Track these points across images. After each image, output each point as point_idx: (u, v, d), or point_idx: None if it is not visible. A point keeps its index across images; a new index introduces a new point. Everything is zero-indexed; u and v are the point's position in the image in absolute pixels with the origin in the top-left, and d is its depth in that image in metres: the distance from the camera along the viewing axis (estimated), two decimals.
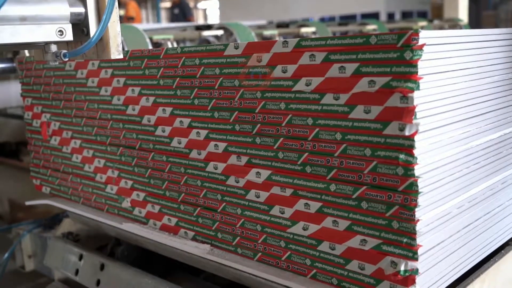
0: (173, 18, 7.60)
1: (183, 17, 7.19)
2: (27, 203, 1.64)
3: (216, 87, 1.03)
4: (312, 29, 3.41)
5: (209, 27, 3.05)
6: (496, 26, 8.90)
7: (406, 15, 10.40)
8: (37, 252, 1.72)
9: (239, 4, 12.10)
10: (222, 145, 1.05)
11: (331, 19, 10.11)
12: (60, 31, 0.88)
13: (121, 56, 0.92)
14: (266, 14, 10.60)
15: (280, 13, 10.76)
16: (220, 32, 2.91)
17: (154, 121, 1.18)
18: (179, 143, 1.13)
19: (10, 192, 2.54)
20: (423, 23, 4.07)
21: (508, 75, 1.02)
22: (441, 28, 4.05)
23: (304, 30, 3.31)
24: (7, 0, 0.76)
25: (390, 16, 10.12)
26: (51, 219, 1.74)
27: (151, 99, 1.17)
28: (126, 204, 1.31)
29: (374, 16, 9.80)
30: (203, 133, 1.08)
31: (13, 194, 2.49)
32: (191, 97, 1.08)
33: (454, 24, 4.15)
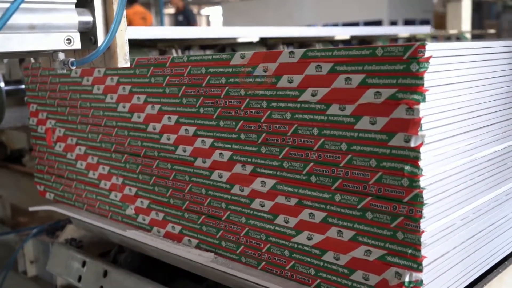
0: (177, 24, 7.63)
1: (187, 24, 7.22)
2: (31, 209, 1.64)
3: (222, 96, 1.04)
4: None
5: None
6: (498, 35, 8.92)
7: (408, 23, 10.44)
8: (39, 257, 1.72)
9: (242, 10, 12.14)
10: (227, 154, 1.05)
11: (335, 25, 10.14)
12: (68, 39, 0.88)
13: (128, 65, 0.92)
14: (269, 21, 10.63)
15: (284, 20, 10.79)
16: None
17: (159, 129, 1.19)
18: (184, 151, 1.14)
19: (12, 197, 2.54)
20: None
21: None
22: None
23: None
24: (17, 9, 0.76)
25: (393, 24, 10.15)
26: (54, 225, 1.75)
27: (157, 107, 1.18)
28: (130, 211, 1.31)
29: (377, 24, 9.83)
30: (208, 141, 1.08)
31: (15, 198, 2.49)
32: (197, 106, 1.09)
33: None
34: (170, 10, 13.43)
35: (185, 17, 7.36)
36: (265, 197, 1.00)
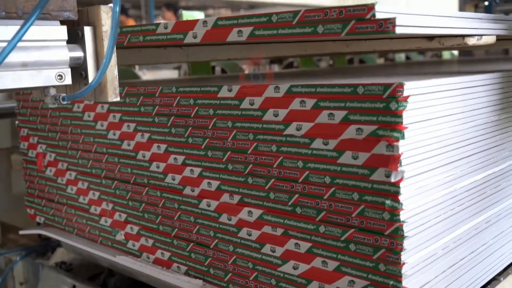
0: None
1: None
2: (21, 232, 1.66)
3: (209, 127, 1.06)
4: None
5: None
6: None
7: None
8: (29, 279, 1.73)
9: None
10: (215, 183, 1.08)
11: None
12: (59, 75, 0.91)
13: (118, 99, 0.95)
14: None
15: None
16: None
17: (149, 157, 1.21)
18: (173, 179, 1.16)
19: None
20: None
21: (491, 118, 1.06)
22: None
23: None
24: (13, 48, 0.79)
25: None
26: (44, 246, 1.76)
27: (146, 135, 1.20)
28: (120, 236, 1.33)
29: None
30: (197, 170, 1.11)
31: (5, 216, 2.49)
32: (185, 136, 1.11)
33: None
34: (161, 22, 13.51)
35: None
36: (252, 226, 1.03)
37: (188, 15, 2.00)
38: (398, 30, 0.78)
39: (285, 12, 0.89)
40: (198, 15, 2.01)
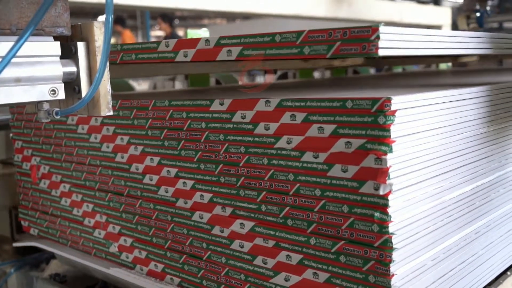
0: None
1: None
2: (15, 244, 1.66)
3: (202, 140, 1.08)
4: None
5: None
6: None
7: None
8: None
9: (228, 32, 12.25)
10: (207, 196, 1.09)
11: None
12: (52, 90, 0.92)
13: (111, 113, 0.96)
14: None
15: None
16: None
17: (142, 170, 1.22)
18: (166, 191, 1.17)
19: None
20: None
21: (479, 130, 1.08)
22: None
23: None
24: (6, 65, 0.80)
25: None
26: (37, 258, 1.76)
27: (140, 148, 1.21)
28: (114, 248, 1.34)
29: None
30: (190, 183, 1.12)
31: None
32: (178, 149, 1.12)
33: None
34: (157, 32, 13.53)
35: None
36: (244, 238, 1.03)
37: (193, 33, 2.03)
38: (381, 53, 0.80)
39: (264, 34, 0.92)
40: (203, 33, 2.04)
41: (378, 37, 0.79)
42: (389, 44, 0.81)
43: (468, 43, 1.04)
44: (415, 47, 0.88)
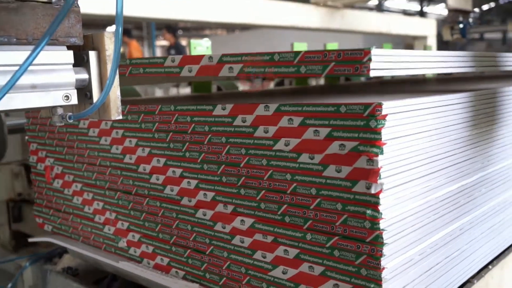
0: None
1: None
2: (30, 240, 1.66)
3: (205, 142, 1.07)
4: None
5: None
6: None
7: None
8: (38, 284, 1.72)
9: (229, 43, 12.26)
10: (210, 194, 1.08)
11: None
12: (66, 96, 0.92)
13: (121, 117, 0.96)
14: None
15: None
16: None
17: (149, 170, 1.22)
18: (172, 190, 1.17)
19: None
20: None
21: (463, 133, 1.08)
22: None
23: None
24: (23, 72, 0.80)
25: None
26: (51, 252, 1.75)
27: (147, 150, 1.21)
28: (122, 244, 1.33)
29: None
30: (194, 182, 1.12)
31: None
32: (183, 150, 1.12)
33: None
34: (162, 42, 13.53)
35: (177, 51, 7.46)
36: (244, 234, 1.03)
37: (195, 43, 2.02)
38: (372, 74, 0.80)
39: (264, 53, 0.93)
40: (205, 43, 2.03)
41: (370, 59, 0.79)
42: (380, 65, 0.81)
43: (452, 62, 1.05)
44: (404, 67, 0.89)
